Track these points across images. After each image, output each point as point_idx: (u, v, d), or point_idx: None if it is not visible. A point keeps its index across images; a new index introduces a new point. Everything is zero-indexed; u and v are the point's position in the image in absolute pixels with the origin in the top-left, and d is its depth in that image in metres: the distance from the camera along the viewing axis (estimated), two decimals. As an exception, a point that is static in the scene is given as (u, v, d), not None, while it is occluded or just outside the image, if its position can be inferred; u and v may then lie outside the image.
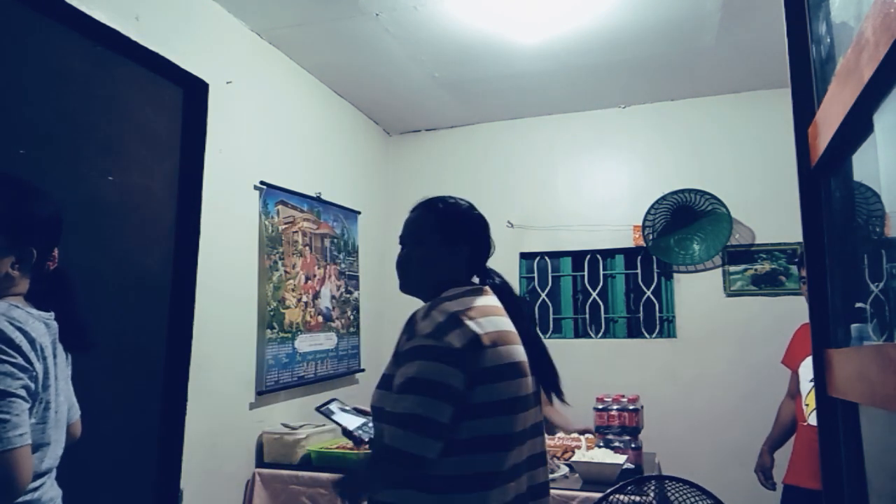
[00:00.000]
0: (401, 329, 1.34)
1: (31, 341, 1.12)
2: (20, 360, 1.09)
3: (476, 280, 1.42)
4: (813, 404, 2.33)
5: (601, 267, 3.65)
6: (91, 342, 1.31)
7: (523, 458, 1.29)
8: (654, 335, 3.52)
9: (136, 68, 2.19)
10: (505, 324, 1.31)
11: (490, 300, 1.34)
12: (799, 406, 2.42)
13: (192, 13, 2.40)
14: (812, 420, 2.33)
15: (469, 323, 1.22)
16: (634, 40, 2.84)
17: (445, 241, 1.37)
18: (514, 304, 1.40)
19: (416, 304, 1.38)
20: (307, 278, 3.05)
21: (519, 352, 1.30)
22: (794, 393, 2.49)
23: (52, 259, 1.27)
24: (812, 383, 2.33)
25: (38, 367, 1.13)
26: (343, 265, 3.39)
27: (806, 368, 2.42)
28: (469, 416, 1.20)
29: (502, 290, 1.41)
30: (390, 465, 1.20)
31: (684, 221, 3.46)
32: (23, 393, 1.09)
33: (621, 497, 2.04)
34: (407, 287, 1.42)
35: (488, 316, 1.28)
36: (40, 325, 1.17)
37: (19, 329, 1.10)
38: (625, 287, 3.63)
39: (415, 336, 1.24)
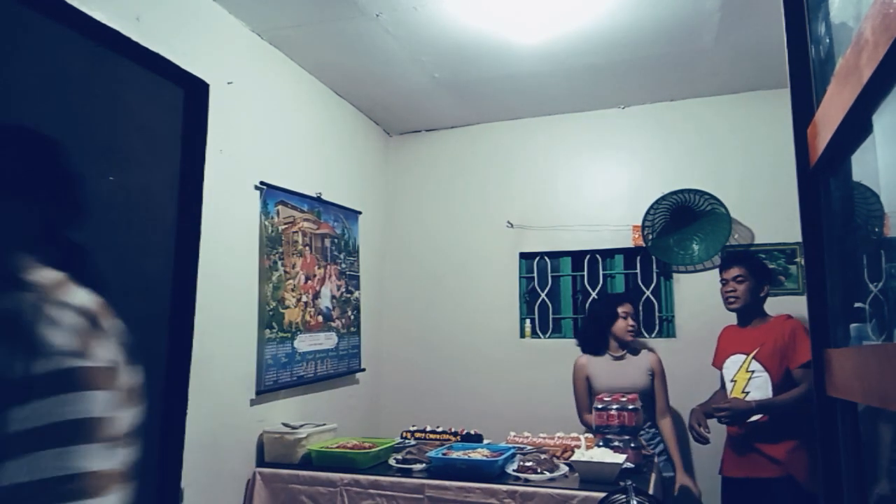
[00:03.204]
0: None
1: None
2: None
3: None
4: None
5: (601, 267, 3.65)
6: None
7: None
8: (653, 335, 3.53)
9: (137, 69, 2.19)
10: None
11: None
12: None
13: (193, 14, 2.40)
14: None
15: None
16: (634, 41, 2.84)
17: None
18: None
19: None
20: (307, 278, 3.05)
21: None
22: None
23: None
24: (733, 382, 2.66)
25: None
26: (344, 265, 3.40)
27: (727, 370, 2.75)
28: None
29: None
30: None
31: (684, 221, 3.46)
32: None
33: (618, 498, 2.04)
34: None
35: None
36: None
37: None
38: (624, 287, 3.63)
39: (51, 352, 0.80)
